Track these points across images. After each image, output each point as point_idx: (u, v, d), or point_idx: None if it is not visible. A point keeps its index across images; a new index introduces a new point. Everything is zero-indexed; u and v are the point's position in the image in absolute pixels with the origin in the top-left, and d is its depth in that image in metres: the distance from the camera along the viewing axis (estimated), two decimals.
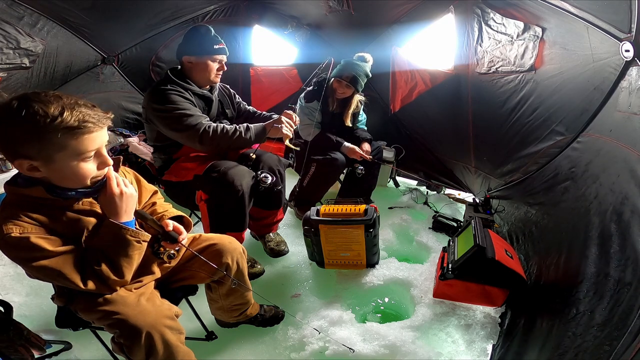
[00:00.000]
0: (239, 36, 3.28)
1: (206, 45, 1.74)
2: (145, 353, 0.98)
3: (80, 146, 0.85)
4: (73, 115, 0.82)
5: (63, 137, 0.82)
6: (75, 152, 0.86)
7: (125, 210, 0.96)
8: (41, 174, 0.87)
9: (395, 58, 2.78)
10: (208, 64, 1.76)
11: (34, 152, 0.83)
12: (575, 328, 1.05)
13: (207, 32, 1.76)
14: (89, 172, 0.91)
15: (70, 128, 0.82)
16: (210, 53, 1.75)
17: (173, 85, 1.70)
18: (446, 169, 2.86)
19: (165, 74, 1.77)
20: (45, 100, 0.81)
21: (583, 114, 1.59)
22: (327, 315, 1.59)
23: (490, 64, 2.11)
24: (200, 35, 1.76)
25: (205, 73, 1.77)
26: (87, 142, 0.86)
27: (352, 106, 2.46)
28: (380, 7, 2.58)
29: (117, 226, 0.93)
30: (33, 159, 0.83)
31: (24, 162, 0.83)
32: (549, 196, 1.74)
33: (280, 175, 1.92)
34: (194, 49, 1.75)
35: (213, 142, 1.65)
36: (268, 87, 3.44)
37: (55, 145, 0.83)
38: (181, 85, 1.72)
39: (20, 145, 0.82)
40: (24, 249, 0.86)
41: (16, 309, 1.24)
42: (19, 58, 2.30)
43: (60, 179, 0.90)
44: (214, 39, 1.76)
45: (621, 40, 1.30)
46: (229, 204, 1.66)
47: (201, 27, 1.78)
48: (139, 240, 0.96)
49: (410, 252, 2.19)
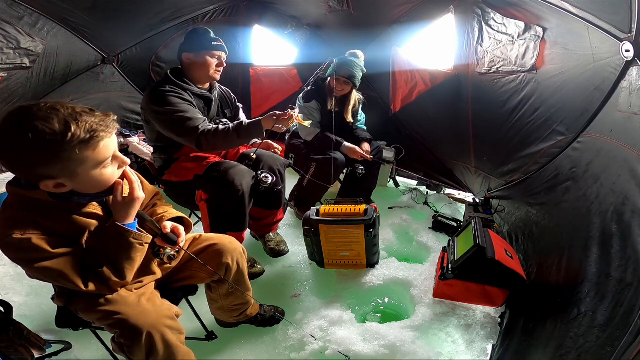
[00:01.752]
0: (239, 36, 3.29)
1: (204, 42, 1.78)
2: (146, 353, 0.98)
3: (98, 156, 0.85)
4: (80, 128, 0.80)
5: (80, 152, 0.81)
6: (95, 162, 0.86)
7: (131, 213, 0.96)
8: (67, 188, 0.87)
9: (395, 58, 2.77)
10: (207, 59, 1.78)
11: (56, 172, 0.82)
12: (577, 328, 1.05)
13: (205, 31, 1.81)
14: (112, 176, 0.92)
15: (83, 141, 0.81)
16: (208, 48, 1.78)
17: (172, 86, 1.71)
18: (446, 169, 2.85)
19: (164, 75, 1.78)
20: (44, 117, 0.78)
21: (584, 114, 1.59)
22: (327, 315, 1.59)
23: (490, 64, 2.11)
24: (198, 34, 1.80)
25: (204, 69, 1.79)
26: (104, 150, 0.86)
27: (352, 102, 2.47)
28: (380, 7, 2.58)
29: (121, 228, 0.93)
30: (57, 178, 0.83)
31: (49, 182, 0.83)
32: (549, 196, 1.74)
33: (281, 175, 1.92)
34: (192, 46, 1.78)
35: (209, 145, 1.65)
36: (268, 87, 3.44)
37: (75, 161, 0.82)
38: (180, 86, 1.73)
39: (41, 168, 0.81)
40: (25, 250, 0.85)
41: (16, 309, 1.23)
42: (19, 58, 2.29)
43: (86, 189, 0.91)
44: (213, 37, 1.80)
45: (621, 40, 1.30)
46: (229, 203, 1.66)
47: (200, 28, 1.84)
48: (141, 242, 0.96)
49: (410, 252, 2.19)
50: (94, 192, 0.93)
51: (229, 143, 1.70)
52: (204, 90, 1.84)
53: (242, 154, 1.94)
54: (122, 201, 0.94)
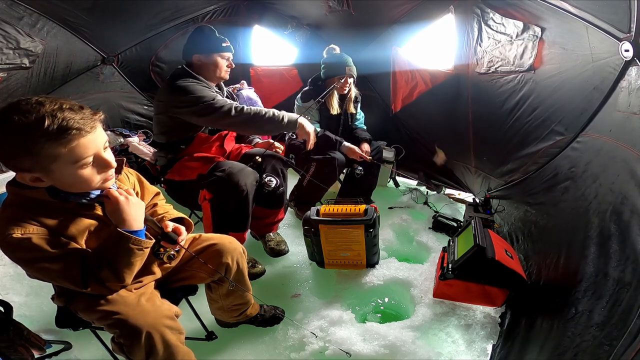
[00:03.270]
0: (239, 36, 3.29)
1: (215, 44, 1.85)
2: (146, 353, 0.98)
3: (72, 154, 0.82)
4: (54, 123, 0.77)
5: (49, 148, 0.78)
6: (69, 160, 0.82)
7: (135, 218, 0.94)
8: (45, 183, 0.86)
9: (395, 58, 2.78)
10: (218, 61, 1.86)
11: (29, 165, 0.81)
12: (574, 328, 1.05)
13: (212, 32, 1.86)
14: (91, 178, 0.88)
15: (52, 137, 0.78)
16: (219, 51, 1.85)
17: (193, 80, 1.79)
18: (446, 169, 2.85)
19: (181, 69, 1.84)
20: (25, 110, 0.77)
21: (582, 113, 1.59)
22: (327, 315, 1.59)
23: (489, 63, 2.11)
24: (206, 35, 1.85)
25: (216, 70, 1.87)
26: (79, 149, 0.82)
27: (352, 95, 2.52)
28: (380, 7, 2.58)
29: (120, 234, 0.92)
30: (31, 171, 0.82)
31: (25, 174, 0.83)
32: (548, 196, 1.74)
33: (283, 175, 1.93)
34: (204, 48, 1.84)
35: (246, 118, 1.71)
36: (268, 87, 3.44)
37: (45, 156, 0.79)
38: (197, 79, 1.81)
39: (15, 160, 0.80)
40: (25, 249, 0.85)
41: (16, 309, 1.24)
42: (19, 58, 2.30)
43: (65, 186, 0.89)
44: (220, 37, 1.86)
45: (620, 40, 1.30)
46: (233, 203, 1.67)
47: (205, 27, 1.88)
48: (141, 247, 0.95)
49: (410, 252, 2.19)
50: (77, 192, 0.91)
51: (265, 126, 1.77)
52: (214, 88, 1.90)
53: (244, 154, 1.94)
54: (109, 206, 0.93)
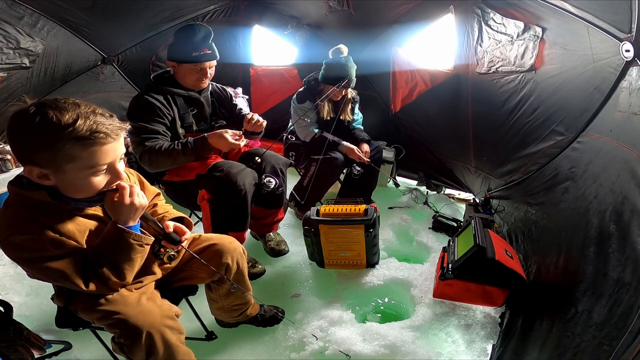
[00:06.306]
0: (239, 36, 3.28)
1: (186, 52, 1.66)
2: (146, 353, 0.98)
3: (91, 159, 0.84)
4: (86, 125, 0.80)
5: (73, 148, 0.80)
6: (86, 164, 0.84)
7: (133, 217, 0.94)
8: (50, 182, 0.85)
9: (395, 58, 2.77)
10: (189, 70, 1.69)
11: (44, 161, 0.81)
12: (573, 328, 1.05)
13: (191, 36, 1.66)
14: (98, 186, 0.89)
15: (81, 138, 0.80)
16: (188, 61, 1.67)
17: (150, 95, 1.65)
18: (446, 169, 2.85)
19: (151, 80, 1.74)
20: (62, 107, 0.80)
21: (583, 114, 1.59)
22: (327, 315, 1.59)
23: (490, 64, 2.11)
24: (182, 40, 1.68)
25: (186, 79, 1.72)
26: (99, 155, 0.84)
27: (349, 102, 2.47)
28: (380, 7, 2.58)
29: (121, 229, 0.92)
30: (43, 167, 0.82)
31: (34, 169, 0.82)
32: (548, 196, 1.74)
33: (283, 174, 1.92)
34: (174, 55, 1.70)
35: (152, 162, 1.61)
36: (268, 87, 3.44)
37: (66, 155, 0.81)
38: (163, 91, 1.69)
39: (33, 153, 0.81)
40: (26, 249, 0.85)
41: (16, 309, 1.24)
42: (19, 58, 2.30)
43: (68, 189, 0.89)
44: (196, 44, 1.66)
45: (621, 40, 1.29)
46: (232, 203, 1.67)
47: (188, 29, 1.69)
48: (142, 244, 0.95)
49: (410, 252, 2.19)
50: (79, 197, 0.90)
51: (172, 161, 1.62)
52: (193, 92, 1.77)
53: (244, 153, 1.93)
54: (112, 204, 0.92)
